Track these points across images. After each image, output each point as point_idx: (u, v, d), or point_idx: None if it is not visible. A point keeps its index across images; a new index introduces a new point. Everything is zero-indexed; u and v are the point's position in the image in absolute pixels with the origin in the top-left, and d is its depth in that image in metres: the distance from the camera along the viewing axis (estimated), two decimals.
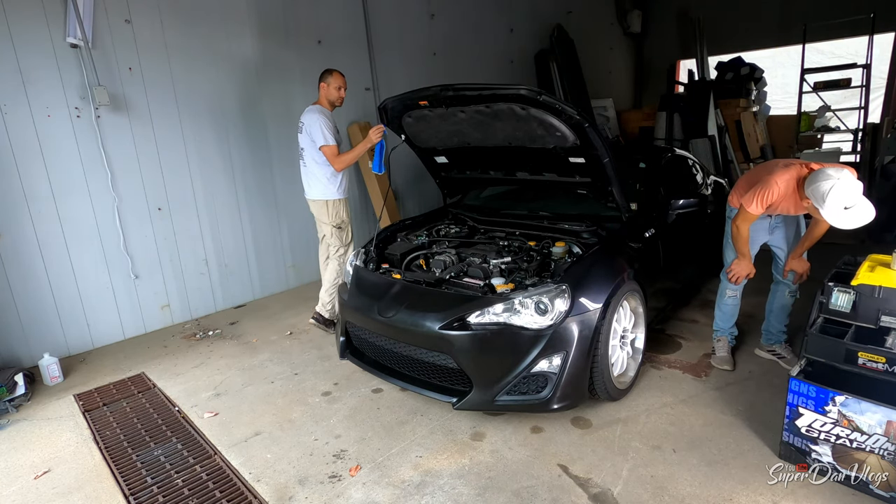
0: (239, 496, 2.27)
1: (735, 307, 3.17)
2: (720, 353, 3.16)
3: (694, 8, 8.92)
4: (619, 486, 2.20)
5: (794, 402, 2.18)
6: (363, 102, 5.43)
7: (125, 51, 3.83)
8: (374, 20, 5.39)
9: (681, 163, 4.07)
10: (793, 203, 2.66)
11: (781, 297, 3.09)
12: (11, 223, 3.50)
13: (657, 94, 9.02)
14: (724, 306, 3.17)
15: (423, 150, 3.55)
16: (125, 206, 3.97)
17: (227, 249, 4.61)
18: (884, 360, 2.04)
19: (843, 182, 2.28)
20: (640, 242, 3.03)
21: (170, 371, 3.52)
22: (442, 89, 2.75)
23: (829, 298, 2.28)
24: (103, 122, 3.78)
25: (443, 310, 2.53)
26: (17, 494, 2.40)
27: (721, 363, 3.12)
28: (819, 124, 7.61)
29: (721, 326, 3.21)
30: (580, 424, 2.64)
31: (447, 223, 3.64)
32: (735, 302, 3.15)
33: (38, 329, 3.68)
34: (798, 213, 2.83)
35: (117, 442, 2.73)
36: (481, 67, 6.80)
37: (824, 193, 2.30)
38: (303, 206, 5.04)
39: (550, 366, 2.44)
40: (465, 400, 2.48)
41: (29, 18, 3.41)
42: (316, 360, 3.54)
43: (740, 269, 2.96)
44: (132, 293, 4.10)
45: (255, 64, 4.56)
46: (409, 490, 2.26)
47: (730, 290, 3.11)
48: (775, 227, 2.97)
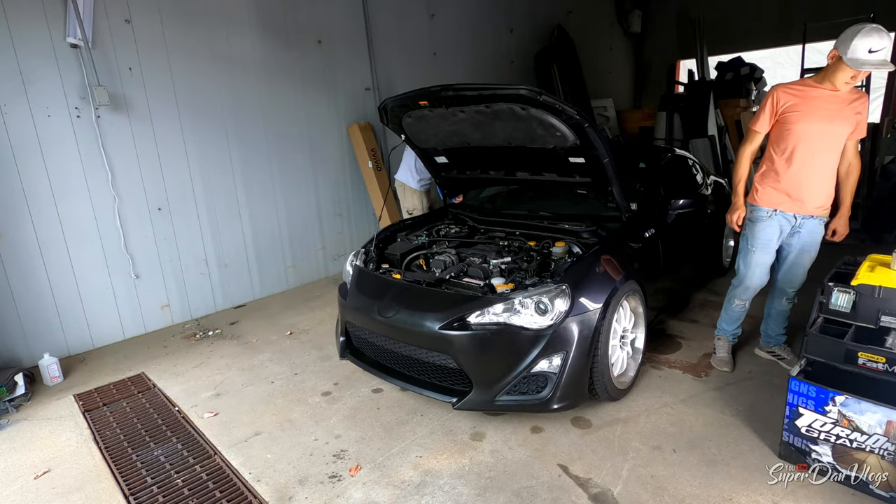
0: (239, 496, 2.27)
1: (742, 313, 3.10)
2: (720, 353, 3.13)
3: (694, 8, 8.90)
4: (619, 486, 2.20)
5: (794, 402, 2.18)
6: (363, 102, 5.43)
7: (125, 51, 3.83)
8: (374, 20, 5.39)
9: (681, 163, 4.07)
10: (815, 99, 2.57)
11: (779, 303, 3.03)
12: (11, 223, 3.50)
13: (657, 94, 9.00)
14: (731, 310, 3.11)
15: (423, 150, 3.55)
16: (125, 206, 3.97)
17: (227, 249, 4.61)
18: (884, 360, 2.04)
19: (873, 28, 2.35)
20: (640, 242, 3.03)
21: (170, 371, 3.52)
22: (442, 89, 2.75)
23: (829, 298, 2.28)
24: (103, 122, 3.78)
25: (443, 310, 2.53)
26: (17, 494, 2.40)
27: (720, 364, 3.10)
28: None
29: (724, 328, 3.17)
30: (580, 424, 2.64)
31: (447, 223, 3.64)
32: (743, 309, 3.08)
33: (38, 329, 3.68)
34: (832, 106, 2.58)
35: (117, 442, 2.73)
36: (481, 67, 6.80)
37: (854, 33, 2.36)
38: (303, 205, 5.07)
39: (550, 366, 2.44)
40: (465, 400, 2.48)
41: (29, 18, 3.41)
42: (316, 360, 3.54)
43: (731, 215, 2.91)
44: (132, 293, 4.10)
45: (255, 64, 4.56)
46: (409, 490, 2.26)
47: (738, 299, 3.04)
48: (796, 232, 2.81)
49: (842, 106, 2.57)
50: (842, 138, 2.62)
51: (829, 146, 2.63)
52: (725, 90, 7.95)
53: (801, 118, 2.60)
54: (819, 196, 2.71)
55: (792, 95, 2.63)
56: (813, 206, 2.71)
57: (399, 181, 4.68)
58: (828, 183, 2.70)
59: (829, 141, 2.62)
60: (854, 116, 2.58)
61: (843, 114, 2.57)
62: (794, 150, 2.65)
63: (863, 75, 2.47)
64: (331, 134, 5.22)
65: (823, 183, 2.69)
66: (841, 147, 2.65)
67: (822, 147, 2.62)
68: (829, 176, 2.69)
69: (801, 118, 2.60)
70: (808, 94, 2.60)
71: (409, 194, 4.66)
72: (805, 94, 2.61)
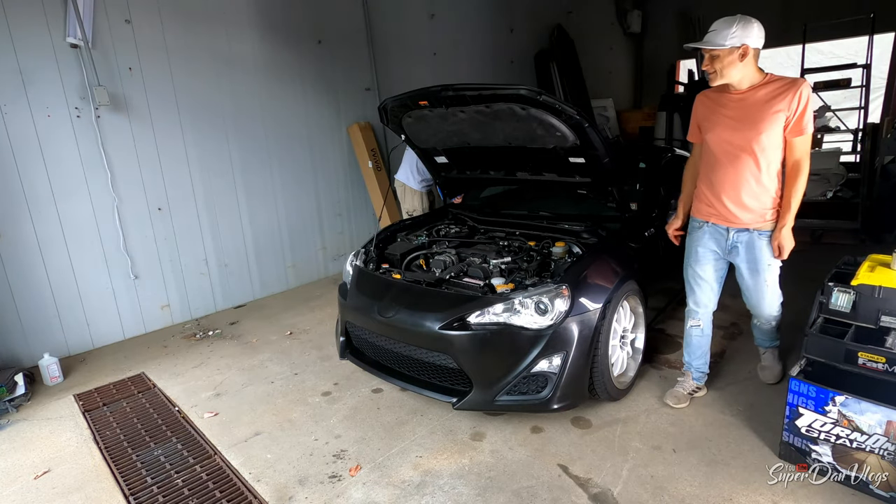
0: (239, 496, 2.27)
1: (700, 339, 2.74)
2: (677, 387, 2.78)
3: (694, 8, 8.91)
4: (619, 486, 2.20)
5: (794, 402, 2.18)
6: (363, 102, 5.43)
7: (125, 51, 3.83)
8: (374, 20, 5.39)
9: (681, 163, 4.06)
10: (721, 107, 2.39)
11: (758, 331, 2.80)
12: (11, 223, 3.50)
13: (657, 94, 9.01)
14: (686, 334, 2.79)
15: (423, 150, 3.55)
16: (125, 206, 3.97)
17: (227, 249, 4.61)
18: (884, 360, 2.04)
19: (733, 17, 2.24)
20: (640, 242, 3.03)
21: (170, 371, 3.52)
22: (442, 89, 2.75)
23: (829, 298, 2.28)
24: (103, 122, 3.78)
25: (443, 310, 2.53)
26: (17, 494, 2.41)
27: (671, 397, 2.74)
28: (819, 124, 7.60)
29: (686, 359, 2.82)
30: (580, 424, 2.64)
31: (447, 223, 3.64)
32: (699, 334, 2.73)
33: (38, 329, 3.68)
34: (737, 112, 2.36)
35: (117, 442, 2.73)
36: (481, 67, 6.80)
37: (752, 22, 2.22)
38: (303, 205, 5.07)
39: (550, 366, 2.44)
40: (465, 400, 2.48)
41: (29, 18, 3.41)
42: (316, 360, 3.54)
43: (668, 227, 2.77)
44: (132, 293, 4.10)
45: (255, 64, 4.56)
46: (409, 490, 2.26)
47: (690, 319, 2.74)
48: (734, 247, 2.51)
49: (751, 110, 2.31)
50: (759, 143, 2.30)
51: (740, 154, 2.36)
52: None
53: (709, 128, 2.46)
54: (738, 208, 2.43)
55: (703, 105, 2.50)
56: (738, 218, 2.45)
57: (399, 181, 4.67)
58: (749, 193, 2.39)
59: (737, 150, 2.36)
60: (774, 115, 2.26)
61: (753, 117, 2.30)
62: (708, 161, 2.49)
63: (717, 63, 2.26)
64: (331, 134, 5.22)
65: (739, 193, 2.40)
66: (765, 152, 2.32)
67: (732, 156, 2.39)
68: (747, 185, 2.38)
69: (709, 128, 2.46)
70: (717, 101, 2.42)
71: (410, 195, 4.65)
72: (713, 103, 2.44)
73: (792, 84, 2.25)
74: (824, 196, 5.66)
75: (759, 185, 2.37)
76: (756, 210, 2.41)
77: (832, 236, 5.48)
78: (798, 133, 2.27)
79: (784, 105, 2.23)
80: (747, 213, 2.42)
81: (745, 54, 2.22)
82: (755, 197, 2.39)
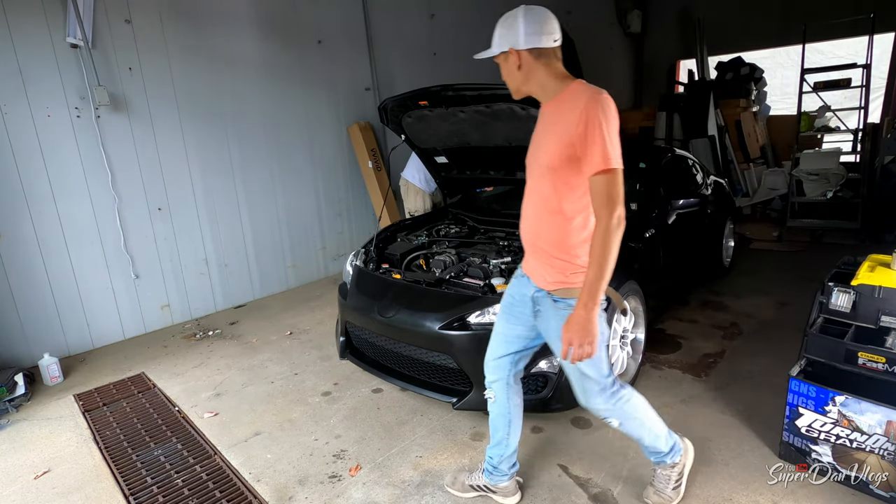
0: (239, 496, 2.27)
1: (498, 419, 2.02)
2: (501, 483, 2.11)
3: (694, 8, 8.91)
4: (619, 486, 2.20)
5: (794, 402, 2.18)
6: (363, 102, 5.43)
7: (125, 51, 3.83)
8: (374, 20, 5.39)
9: (681, 163, 4.07)
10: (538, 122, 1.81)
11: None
12: (11, 223, 3.50)
13: (657, 94, 9.01)
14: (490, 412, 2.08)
15: (423, 150, 3.55)
16: (125, 206, 3.97)
17: (227, 249, 4.61)
18: (884, 360, 2.04)
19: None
20: (639, 242, 3.03)
21: (170, 371, 3.52)
22: (442, 89, 2.75)
23: (829, 298, 2.28)
24: (103, 122, 3.78)
25: (443, 310, 2.53)
26: (17, 494, 2.40)
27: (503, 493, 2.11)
28: (819, 124, 7.61)
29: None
30: (580, 424, 2.64)
31: (447, 223, 3.64)
32: (495, 410, 2.02)
33: (38, 329, 3.68)
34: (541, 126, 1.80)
35: (117, 442, 2.73)
36: (481, 67, 6.77)
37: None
38: (303, 205, 5.07)
39: (550, 366, 2.44)
40: (465, 400, 2.48)
41: (29, 18, 3.41)
42: (316, 360, 3.54)
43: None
44: (132, 293, 4.10)
45: (255, 64, 4.56)
46: (409, 490, 2.26)
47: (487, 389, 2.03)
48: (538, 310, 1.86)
49: (549, 124, 1.72)
50: (552, 169, 1.66)
51: (535, 184, 1.77)
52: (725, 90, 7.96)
53: None
54: (530, 257, 1.85)
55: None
56: (533, 272, 1.84)
57: (405, 180, 4.67)
58: (540, 237, 1.77)
59: (534, 179, 1.77)
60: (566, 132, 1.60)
61: (550, 134, 1.68)
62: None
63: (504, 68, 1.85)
64: (331, 134, 5.22)
65: (529, 237, 1.82)
66: (555, 184, 1.67)
67: (531, 187, 1.80)
68: (538, 228, 1.77)
69: None
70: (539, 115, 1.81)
71: (414, 194, 4.64)
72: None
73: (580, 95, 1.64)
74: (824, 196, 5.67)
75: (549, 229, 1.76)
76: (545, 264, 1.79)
77: (832, 236, 5.48)
78: (592, 167, 1.57)
79: (574, 119, 1.60)
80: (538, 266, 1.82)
81: (519, 60, 1.73)
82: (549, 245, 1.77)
